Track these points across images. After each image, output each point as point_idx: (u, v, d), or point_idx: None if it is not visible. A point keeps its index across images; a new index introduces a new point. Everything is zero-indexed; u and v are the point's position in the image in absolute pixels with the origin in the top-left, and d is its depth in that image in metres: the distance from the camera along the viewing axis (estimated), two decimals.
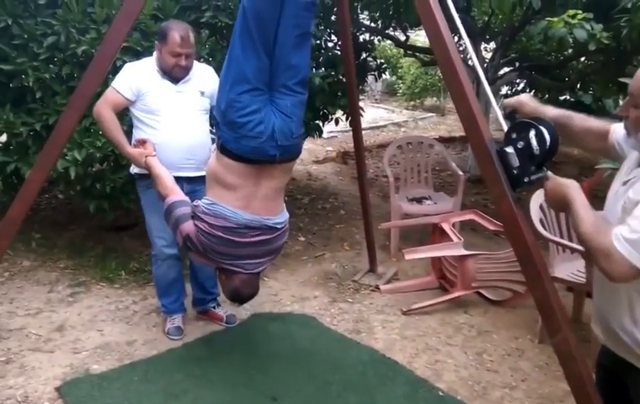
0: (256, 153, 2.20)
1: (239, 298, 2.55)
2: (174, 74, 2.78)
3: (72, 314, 3.31)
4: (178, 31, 2.72)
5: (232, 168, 2.24)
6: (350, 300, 3.61)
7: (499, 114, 1.90)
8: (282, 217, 2.43)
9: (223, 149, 2.23)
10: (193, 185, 2.83)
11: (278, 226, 2.39)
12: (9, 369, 2.74)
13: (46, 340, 3.02)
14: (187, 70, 2.80)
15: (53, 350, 2.92)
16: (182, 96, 2.81)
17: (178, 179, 2.78)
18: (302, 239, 4.63)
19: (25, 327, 3.12)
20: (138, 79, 2.76)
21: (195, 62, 2.91)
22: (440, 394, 2.66)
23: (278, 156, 2.22)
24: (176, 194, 2.46)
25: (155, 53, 2.82)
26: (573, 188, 1.54)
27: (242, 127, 2.15)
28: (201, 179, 2.74)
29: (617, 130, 1.65)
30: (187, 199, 2.45)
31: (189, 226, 2.32)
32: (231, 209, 2.27)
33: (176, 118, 2.79)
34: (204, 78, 2.90)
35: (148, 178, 2.68)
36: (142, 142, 2.74)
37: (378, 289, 3.75)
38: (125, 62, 3.32)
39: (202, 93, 2.87)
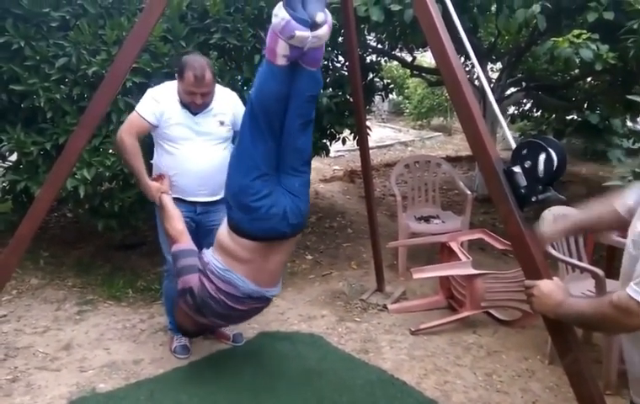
0: (270, 233, 2.38)
1: (185, 334, 2.85)
2: (191, 108, 2.78)
3: (79, 332, 3.31)
4: (193, 71, 2.66)
5: (244, 245, 2.39)
6: (358, 320, 3.59)
7: (507, 133, 1.90)
8: (277, 289, 2.63)
9: (237, 229, 2.37)
10: (206, 207, 2.90)
11: (272, 297, 2.59)
12: (16, 387, 2.74)
13: (53, 358, 3.02)
14: (204, 106, 2.78)
15: (60, 368, 2.92)
16: (200, 127, 2.80)
17: (193, 204, 2.86)
18: (310, 258, 4.62)
19: (32, 345, 3.13)
20: (161, 105, 2.75)
21: (218, 87, 2.88)
22: None
23: (289, 232, 2.41)
24: (185, 241, 2.56)
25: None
26: (560, 304, 1.59)
27: (256, 211, 2.31)
28: (214, 203, 2.88)
29: (620, 200, 1.65)
30: (195, 248, 2.55)
31: (194, 280, 2.44)
32: (242, 278, 2.43)
33: (193, 148, 2.80)
34: (225, 107, 2.87)
35: None
36: (160, 177, 2.77)
37: (386, 308, 3.73)
38: (134, 83, 3.38)
39: (222, 123, 2.85)
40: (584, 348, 2.00)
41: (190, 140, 2.79)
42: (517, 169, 1.79)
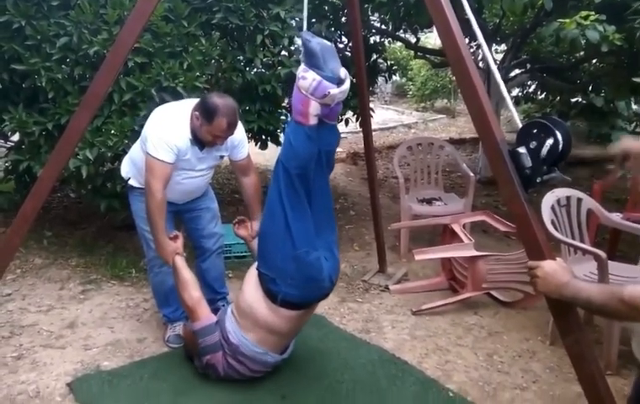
0: (319, 296, 2.47)
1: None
2: (205, 144, 2.71)
3: (83, 311, 3.33)
4: (227, 118, 2.55)
5: (290, 318, 2.43)
6: (360, 300, 3.61)
7: (514, 112, 1.89)
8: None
9: (285, 304, 2.37)
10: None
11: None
12: (21, 364, 2.77)
13: (58, 336, 3.04)
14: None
15: (64, 346, 2.95)
16: (201, 161, 2.78)
17: (173, 204, 2.85)
18: None
19: (37, 324, 3.16)
20: (176, 141, 2.61)
21: None
22: (451, 395, 2.64)
23: (330, 290, 2.50)
24: (203, 313, 2.57)
25: (191, 117, 2.64)
26: (566, 285, 1.56)
27: (311, 279, 2.35)
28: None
29: None
30: (214, 318, 2.57)
31: (217, 357, 2.51)
32: (274, 355, 2.52)
33: (188, 176, 2.79)
34: (229, 143, 2.78)
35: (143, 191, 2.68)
36: (176, 237, 2.73)
37: (388, 289, 3.75)
38: (136, 63, 3.35)
39: (221, 157, 2.86)
40: (585, 328, 2.00)
41: (188, 170, 2.77)
42: (522, 150, 1.77)
